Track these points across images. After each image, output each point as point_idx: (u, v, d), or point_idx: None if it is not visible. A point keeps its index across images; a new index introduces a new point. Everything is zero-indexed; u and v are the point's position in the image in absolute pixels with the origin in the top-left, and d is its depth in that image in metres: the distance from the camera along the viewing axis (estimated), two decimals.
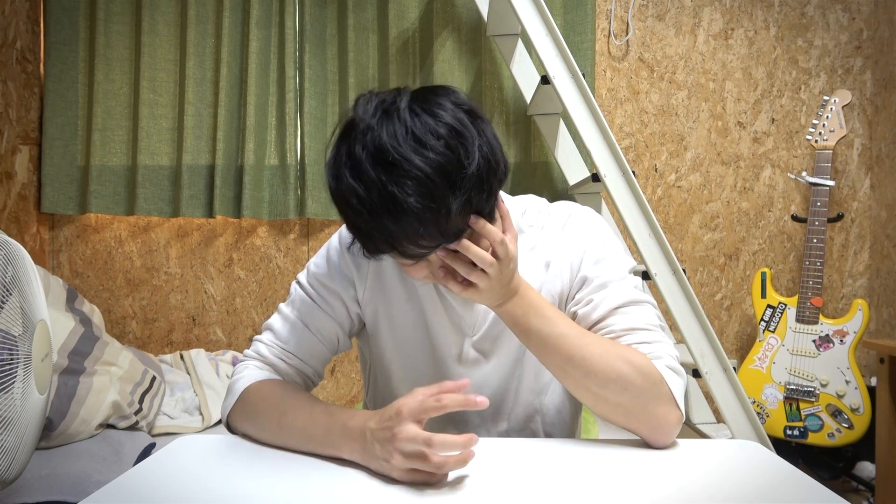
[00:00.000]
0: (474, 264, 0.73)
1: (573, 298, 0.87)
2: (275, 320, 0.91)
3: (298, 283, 0.92)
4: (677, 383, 0.78)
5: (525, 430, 0.92)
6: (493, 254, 0.72)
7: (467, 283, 0.75)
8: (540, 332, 0.77)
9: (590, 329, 0.82)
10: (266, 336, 0.90)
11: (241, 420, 0.83)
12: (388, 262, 0.90)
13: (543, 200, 0.95)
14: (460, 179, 0.66)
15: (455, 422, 0.92)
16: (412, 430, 0.65)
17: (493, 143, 0.71)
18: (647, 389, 0.75)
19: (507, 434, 0.92)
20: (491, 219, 0.73)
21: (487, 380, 0.90)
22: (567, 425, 0.96)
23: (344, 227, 0.93)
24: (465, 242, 0.71)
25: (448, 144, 0.66)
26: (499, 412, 0.92)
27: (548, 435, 0.94)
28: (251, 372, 0.86)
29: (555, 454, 0.76)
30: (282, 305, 0.92)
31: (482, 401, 0.64)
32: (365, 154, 0.66)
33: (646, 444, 0.78)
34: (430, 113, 0.68)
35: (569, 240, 0.89)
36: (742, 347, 2.31)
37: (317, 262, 0.92)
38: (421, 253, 0.70)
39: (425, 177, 0.64)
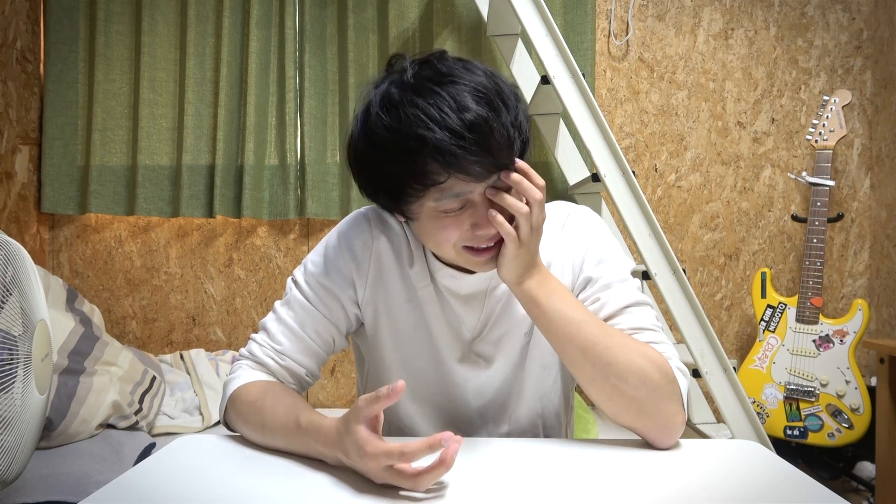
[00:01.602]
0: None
1: (577, 298, 0.87)
2: (269, 320, 0.89)
3: (295, 281, 0.90)
4: (685, 385, 0.78)
5: (527, 433, 0.92)
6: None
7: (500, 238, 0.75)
8: (563, 317, 0.76)
9: None
10: (260, 336, 0.89)
11: (234, 422, 0.83)
12: (388, 261, 0.89)
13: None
14: (509, 98, 0.73)
15: (458, 425, 0.91)
16: (384, 473, 0.63)
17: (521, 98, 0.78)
18: (664, 386, 0.75)
19: (508, 437, 0.91)
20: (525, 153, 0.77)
21: (489, 382, 0.90)
22: (563, 428, 0.96)
23: (342, 224, 0.91)
24: (516, 175, 0.72)
25: (492, 77, 0.73)
26: (501, 415, 0.91)
27: (547, 438, 0.93)
28: (243, 372, 0.86)
29: (554, 454, 0.76)
30: (277, 304, 0.90)
31: (399, 385, 0.61)
32: (420, 77, 0.71)
33: (646, 445, 0.78)
34: (469, 61, 0.75)
35: (569, 240, 0.89)
36: (742, 347, 2.31)
37: (314, 259, 0.89)
38: (478, 172, 0.70)
39: (482, 86, 0.70)
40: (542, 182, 0.74)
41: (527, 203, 0.73)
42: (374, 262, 0.88)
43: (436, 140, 0.67)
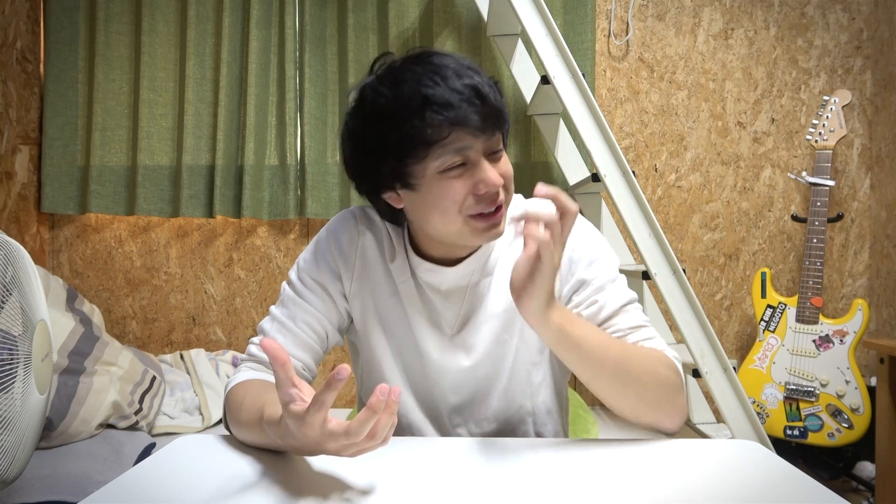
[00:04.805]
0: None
1: (570, 300, 0.87)
2: (265, 321, 0.92)
3: (288, 280, 0.93)
4: (682, 372, 0.85)
5: (517, 431, 0.92)
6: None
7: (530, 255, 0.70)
8: (590, 343, 0.75)
9: None
10: (258, 337, 0.91)
11: (229, 423, 0.84)
12: (373, 256, 0.91)
13: (519, 196, 0.93)
14: (487, 77, 0.79)
15: (439, 418, 0.92)
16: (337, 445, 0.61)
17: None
18: (675, 381, 0.80)
19: (498, 434, 0.92)
20: (504, 144, 0.82)
21: (467, 378, 0.90)
22: (556, 424, 0.96)
23: (330, 222, 0.95)
24: (551, 189, 0.68)
25: (473, 65, 0.79)
26: (483, 411, 0.91)
27: (538, 435, 0.93)
28: (239, 374, 0.87)
29: (553, 454, 0.76)
30: (272, 307, 0.93)
31: (342, 369, 0.56)
32: (410, 59, 0.78)
33: (645, 444, 0.78)
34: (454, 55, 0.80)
35: None
36: (742, 347, 2.31)
37: (305, 257, 0.93)
38: (477, 122, 0.73)
39: (471, 64, 0.78)
40: (574, 208, 0.69)
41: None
42: (360, 257, 0.91)
43: (436, 95, 0.72)
